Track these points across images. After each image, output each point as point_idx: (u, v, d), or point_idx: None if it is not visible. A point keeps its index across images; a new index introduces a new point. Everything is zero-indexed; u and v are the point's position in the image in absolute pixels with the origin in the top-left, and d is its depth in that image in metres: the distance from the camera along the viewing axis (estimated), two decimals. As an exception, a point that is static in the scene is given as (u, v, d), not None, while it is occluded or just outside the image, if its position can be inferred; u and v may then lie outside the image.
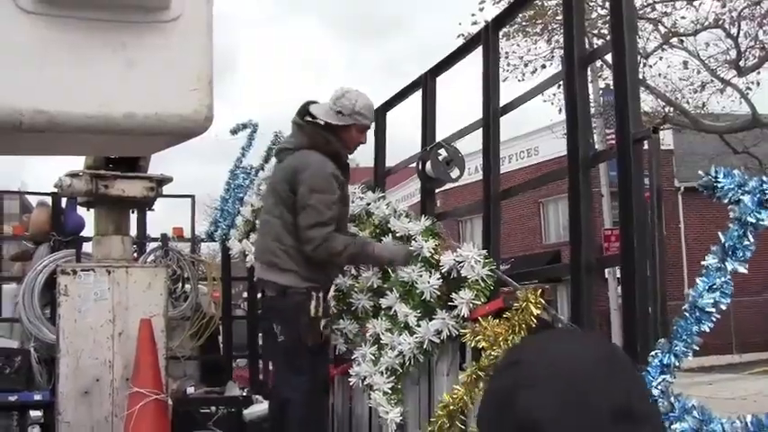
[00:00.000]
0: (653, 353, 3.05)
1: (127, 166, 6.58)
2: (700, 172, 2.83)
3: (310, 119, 5.47)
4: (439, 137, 5.85)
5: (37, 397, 8.06)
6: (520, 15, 17.04)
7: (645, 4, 19.34)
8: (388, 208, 5.78)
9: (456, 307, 4.70)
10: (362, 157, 6.12)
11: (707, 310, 2.84)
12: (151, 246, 9.79)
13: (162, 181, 6.71)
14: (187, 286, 9.38)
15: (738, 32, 19.31)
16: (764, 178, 2.68)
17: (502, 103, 5.13)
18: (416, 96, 6.21)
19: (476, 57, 5.43)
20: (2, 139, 3.05)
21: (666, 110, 21.04)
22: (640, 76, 19.58)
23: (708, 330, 2.88)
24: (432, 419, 4.68)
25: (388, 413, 5.07)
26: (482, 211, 5.01)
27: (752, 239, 2.74)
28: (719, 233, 2.78)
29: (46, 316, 7.94)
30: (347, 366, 5.96)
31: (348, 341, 5.81)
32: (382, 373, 5.16)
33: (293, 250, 5.31)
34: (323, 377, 5.51)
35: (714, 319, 2.89)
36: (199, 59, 3.60)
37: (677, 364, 2.98)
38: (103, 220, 6.57)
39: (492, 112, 5.05)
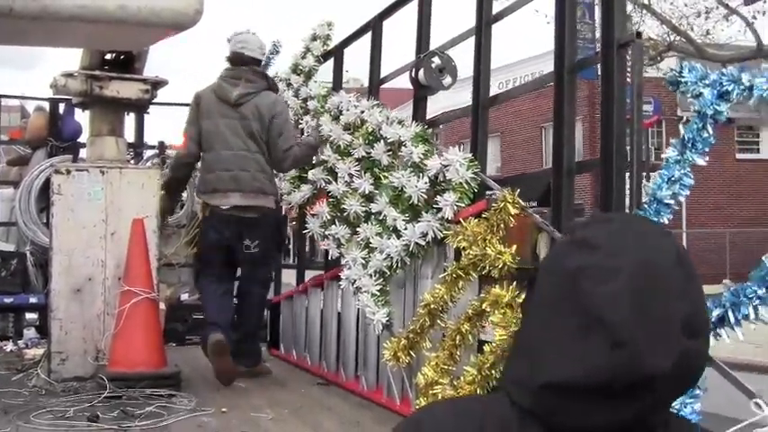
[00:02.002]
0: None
1: (122, 68, 6.58)
2: (668, 67, 2.88)
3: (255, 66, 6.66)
4: (434, 46, 5.85)
5: (32, 299, 8.21)
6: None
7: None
8: (381, 115, 5.81)
9: (441, 209, 4.79)
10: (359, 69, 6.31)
11: (665, 201, 2.84)
12: (149, 153, 9.85)
13: (157, 83, 6.71)
14: (183, 194, 9.45)
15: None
16: (724, 71, 2.72)
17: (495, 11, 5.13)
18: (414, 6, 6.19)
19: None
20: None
21: (672, 37, 20.87)
22: (645, 1, 19.43)
23: (667, 222, 2.91)
24: (413, 318, 4.77)
25: (374, 314, 5.21)
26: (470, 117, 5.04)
27: (711, 131, 2.76)
28: (680, 126, 2.83)
29: (42, 220, 8.04)
30: (337, 270, 6.07)
31: (340, 246, 5.93)
32: (371, 275, 5.30)
33: (272, 178, 6.57)
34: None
35: (672, 212, 2.91)
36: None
37: None
38: (98, 121, 6.59)
39: (484, 20, 5.06)
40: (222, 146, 6.39)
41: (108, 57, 6.57)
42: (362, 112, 6.07)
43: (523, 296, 3.89)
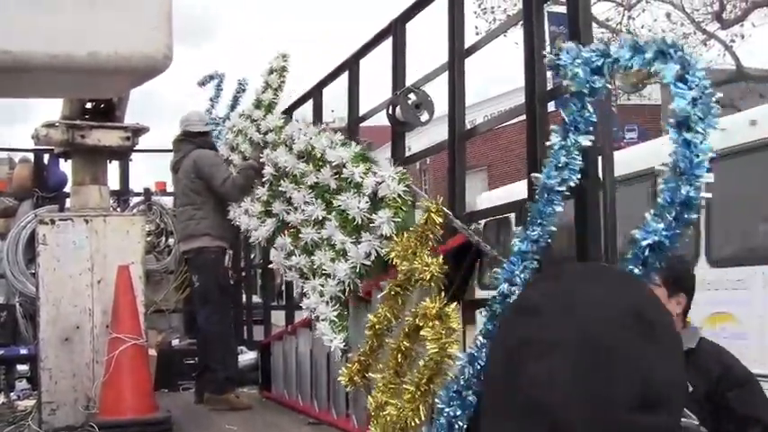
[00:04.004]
0: (512, 243, 3.01)
1: (103, 117, 6.65)
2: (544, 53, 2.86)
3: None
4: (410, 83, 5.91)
5: (23, 351, 8.21)
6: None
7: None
8: (326, 140, 5.85)
9: (379, 227, 4.85)
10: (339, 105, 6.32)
11: (556, 189, 2.77)
12: (135, 200, 9.89)
13: (138, 131, 6.78)
14: (170, 240, 9.49)
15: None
16: (593, 47, 2.61)
17: (467, 45, 5.20)
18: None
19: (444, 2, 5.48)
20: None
21: (653, 63, 21.05)
22: (623, 29, 19.65)
23: (561, 210, 2.83)
24: (362, 341, 4.71)
25: (332, 341, 5.23)
26: (447, 150, 5.09)
27: (592, 110, 2.67)
28: (561, 110, 2.77)
29: (31, 271, 8.05)
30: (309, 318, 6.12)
31: (303, 276, 5.89)
32: (327, 302, 5.33)
33: (207, 222, 7.26)
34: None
35: (564, 197, 2.83)
36: (159, 1, 3.68)
37: (535, 249, 2.89)
38: (80, 171, 6.65)
39: (457, 54, 5.12)
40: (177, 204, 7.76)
41: (88, 105, 6.65)
42: (310, 138, 6.08)
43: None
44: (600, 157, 3.83)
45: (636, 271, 2.49)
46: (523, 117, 4.47)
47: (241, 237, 8.36)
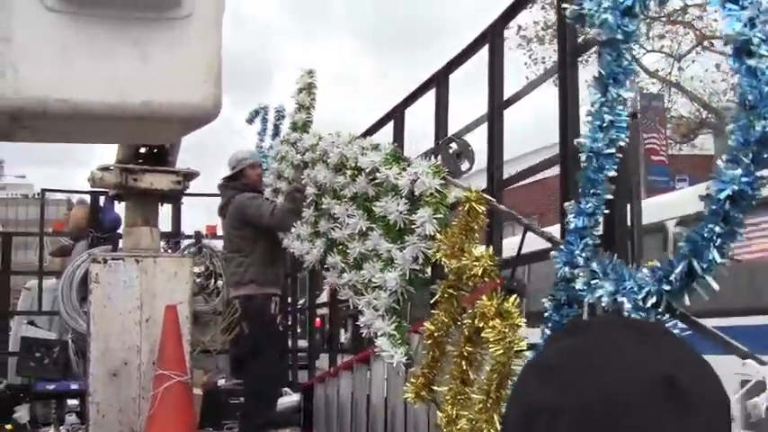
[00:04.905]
0: (566, 221, 2.78)
1: (155, 161, 6.90)
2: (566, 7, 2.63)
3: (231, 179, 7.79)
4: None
5: (73, 386, 8.43)
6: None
7: (677, 8, 19.41)
8: (357, 147, 5.76)
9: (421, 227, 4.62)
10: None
11: (605, 152, 2.54)
12: (185, 242, 10.13)
13: (189, 175, 7.02)
14: (219, 282, 9.69)
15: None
16: None
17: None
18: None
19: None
20: (35, 126, 3.38)
21: (703, 114, 21.04)
22: (673, 79, 19.68)
23: (615, 174, 2.57)
24: (423, 352, 4.48)
25: (393, 357, 4.94)
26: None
27: (629, 58, 2.43)
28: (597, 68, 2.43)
29: (83, 309, 8.30)
30: (366, 353, 6.19)
31: (357, 292, 5.56)
32: (383, 316, 5.06)
33: (249, 269, 7.39)
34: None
35: (617, 161, 2.57)
36: (209, 54, 3.90)
37: (593, 223, 2.71)
38: (132, 212, 6.90)
39: (496, 106, 5.28)
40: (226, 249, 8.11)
41: (142, 150, 6.91)
42: (342, 149, 5.95)
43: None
44: (628, 206, 3.90)
45: (717, 229, 2.19)
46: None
47: (288, 281, 8.58)
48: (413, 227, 4.70)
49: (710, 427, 0.92)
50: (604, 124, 2.48)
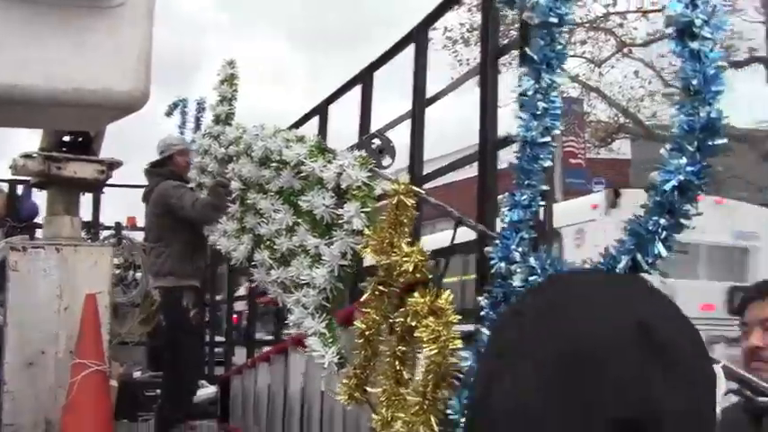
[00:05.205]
0: (500, 211, 2.67)
1: (79, 150, 6.86)
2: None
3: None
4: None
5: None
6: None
7: (599, 15, 19.85)
8: (281, 140, 5.57)
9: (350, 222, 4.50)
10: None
11: (539, 141, 2.42)
12: (105, 233, 10.07)
13: (112, 164, 6.99)
14: (138, 274, 9.66)
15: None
16: None
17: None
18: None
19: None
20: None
21: (621, 119, 21.54)
22: (593, 84, 20.13)
23: (551, 165, 2.49)
24: (354, 352, 4.22)
25: (324, 357, 4.70)
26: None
27: (563, 41, 2.34)
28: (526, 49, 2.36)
29: (0, 300, 8.18)
30: (282, 345, 6.26)
31: (286, 290, 5.27)
32: (312, 315, 4.84)
33: (168, 260, 7.36)
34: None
35: (551, 151, 2.47)
36: (140, 43, 3.96)
37: (528, 216, 2.57)
38: (54, 201, 6.84)
39: (419, 103, 5.40)
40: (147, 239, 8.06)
41: (66, 138, 6.86)
42: (265, 142, 5.73)
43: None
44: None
45: (662, 221, 2.09)
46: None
47: (207, 275, 8.56)
48: (340, 221, 4.60)
49: (690, 385, 0.90)
50: (538, 112, 2.38)
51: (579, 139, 23.29)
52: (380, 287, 3.79)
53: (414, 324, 3.42)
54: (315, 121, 7.20)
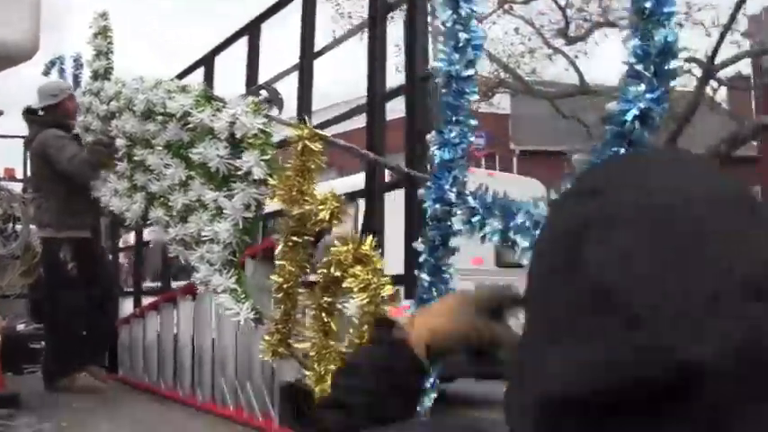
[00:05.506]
0: (431, 155, 2.52)
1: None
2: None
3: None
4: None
5: None
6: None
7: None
8: (163, 92, 5.44)
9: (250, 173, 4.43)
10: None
11: (463, 75, 2.30)
12: (-19, 183, 9.84)
13: (-8, 114, 6.87)
14: (18, 226, 9.49)
15: (567, 3, 20.35)
16: None
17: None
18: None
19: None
20: None
21: (502, 75, 21.94)
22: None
23: (477, 98, 2.34)
24: (275, 305, 4.15)
25: (239, 313, 4.63)
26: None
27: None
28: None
29: None
30: (171, 294, 6.34)
31: (187, 246, 5.12)
32: (220, 271, 4.75)
33: (47, 211, 7.14)
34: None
35: (476, 84, 2.35)
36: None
37: (460, 153, 2.44)
38: (-67, 151, 6.71)
39: (307, 55, 5.50)
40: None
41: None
42: (145, 94, 5.61)
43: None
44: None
45: (622, 151, 1.89)
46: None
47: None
48: (238, 173, 4.50)
49: None
50: (460, 44, 2.25)
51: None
52: (294, 238, 3.73)
53: (338, 274, 3.33)
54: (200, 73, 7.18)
